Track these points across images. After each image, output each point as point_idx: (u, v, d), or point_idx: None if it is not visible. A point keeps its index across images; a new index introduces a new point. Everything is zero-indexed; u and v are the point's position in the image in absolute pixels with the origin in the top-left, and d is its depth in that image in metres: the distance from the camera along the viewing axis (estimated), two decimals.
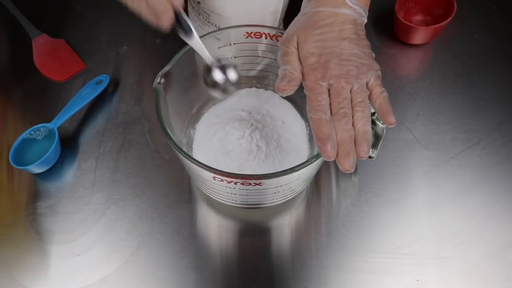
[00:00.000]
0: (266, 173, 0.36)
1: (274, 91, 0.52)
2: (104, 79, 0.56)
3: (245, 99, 0.51)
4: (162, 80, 0.40)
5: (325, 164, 0.51)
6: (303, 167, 0.36)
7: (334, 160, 0.34)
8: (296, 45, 0.38)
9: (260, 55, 0.47)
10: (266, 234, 0.48)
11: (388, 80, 0.58)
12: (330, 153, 0.34)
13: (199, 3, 0.48)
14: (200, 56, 0.40)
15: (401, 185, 0.50)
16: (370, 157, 0.46)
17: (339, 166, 0.34)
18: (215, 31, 0.45)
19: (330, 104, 0.36)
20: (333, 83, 0.36)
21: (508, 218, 0.48)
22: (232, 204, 0.46)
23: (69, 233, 0.48)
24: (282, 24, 0.54)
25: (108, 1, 0.67)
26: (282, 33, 0.40)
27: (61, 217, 0.49)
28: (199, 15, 0.50)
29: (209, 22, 0.50)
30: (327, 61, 0.37)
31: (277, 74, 0.49)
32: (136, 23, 0.64)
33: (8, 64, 0.61)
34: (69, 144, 0.53)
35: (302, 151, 0.48)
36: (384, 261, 0.46)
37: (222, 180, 0.37)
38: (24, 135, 0.51)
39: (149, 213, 0.49)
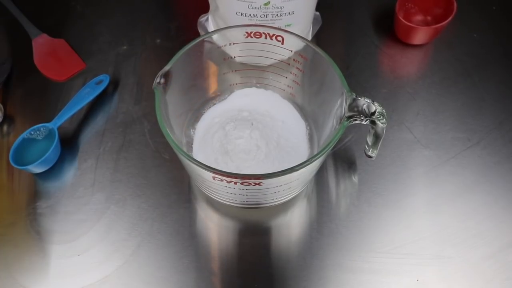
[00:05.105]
0: (266, 173, 0.36)
1: (274, 91, 0.52)
2: (104, 79, 0.56)
3: (245, 99, 0.51)
4: (162, 80, 0.40)
5: (325, 164, 0.51)
6: (303, 167, 0.36)
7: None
8: None
9: (260, 55, 0.47)
10: (266, 234, 0.48)
11: (388, 80, 0.58)
12: None
13: (267, 3, 0.48)
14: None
15: (401, 185, 0.50)
16: (370, 157, 0.47)
17: None
18: (215, 30, 0.45)
19: None
20: None
21: (508, 218, 0.48)
22: (232, 204, 0.46)
23: (69, 233, 0.48)
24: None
25: (108, 1, 0.67)
26: (281, 34, 0.40)
27: (61, 217, 0.49)
28: (266, 16, 0.50)
29: (280, 16, 0.50)
30: None
31: (277, 74, 0.49)
32: (136, 23, 0.64)
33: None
34: (69, 144, 0.53)
35: (302, 151, 0.48)
36: (384, 261, 0.46)
37: (221, 180, 0.37)
38: (24, 135, 0.51)
39: (149, 213, 0.49)
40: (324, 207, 0.49)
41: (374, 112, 0.39)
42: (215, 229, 0.49)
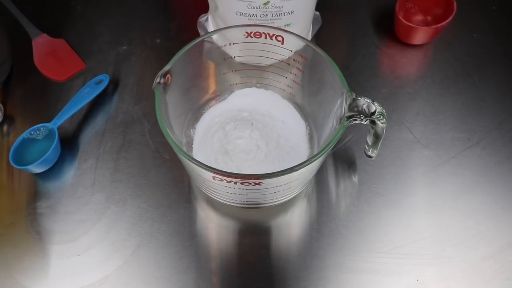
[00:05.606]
0: (266, 173, 0.36)
1: (274, 91, 0.52)
2: (104, 79, 0.56)
3: (245, 99, 0.51)
4: (162, 80, 0.40)
5: (325, 164, 0.51)
6: (303, 167, 0.36)
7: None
8: None
9: (260, 55, 0.47)
10: (266, 234, 0.48)
11: (388, 80, 0.58)
12: None
13: (267, 3, 0.49)
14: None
15: (401, 185, 0.50)
16: (370, 157, 0.47)
17: None
18: (215, 30, 0.45)
19: None
20: None
21: (508, 218, 0.48)
22: (232, 204, 0.46)
23: (69, 233, 0.48)
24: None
25: (108, 1, 0.67)
26: (281, 34, 0.40)
27: (61, 217, 0.49)
28: (265, 16, 0.50)
29: (279, 15, 0.50)
30: None
31: (277, 74, 0.49)
32: (136, 23, 0.64)
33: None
34: (69, 144, 0.53)
35: (302, 151, 0.48)
36: (384, 261, 0.46)
37: (221, 180, 0.37)
38: (24, 135, 0.51)
39: (149, 213, 0.49)
40: (324, 207, 0.49)
41: (374, 112, 0.39)
42: (215, 229, 0.49)
